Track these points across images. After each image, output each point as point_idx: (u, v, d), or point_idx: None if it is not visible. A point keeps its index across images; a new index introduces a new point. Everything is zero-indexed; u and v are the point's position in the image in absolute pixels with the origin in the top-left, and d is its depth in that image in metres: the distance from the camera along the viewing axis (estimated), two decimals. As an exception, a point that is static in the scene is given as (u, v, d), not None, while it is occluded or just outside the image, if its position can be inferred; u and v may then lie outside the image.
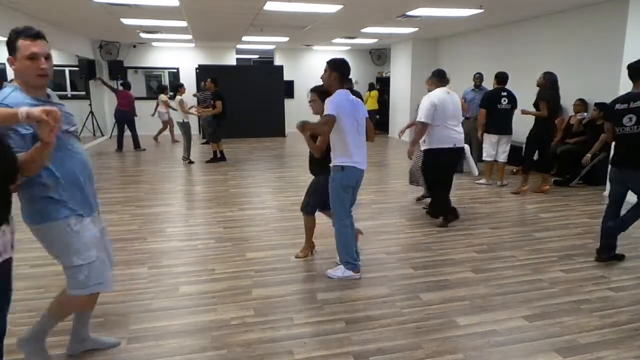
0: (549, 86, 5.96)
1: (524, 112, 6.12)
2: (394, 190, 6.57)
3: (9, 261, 2.05)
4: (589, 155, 6.08)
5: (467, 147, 5.08)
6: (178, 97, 8.61)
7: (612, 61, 6.43)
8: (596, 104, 6.50)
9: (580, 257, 4.00)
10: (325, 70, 3.42)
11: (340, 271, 3.54)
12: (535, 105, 6.05)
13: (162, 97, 10.96)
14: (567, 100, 6.97)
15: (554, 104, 6.04)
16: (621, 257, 3.89)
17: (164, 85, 12.00)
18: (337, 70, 3.38)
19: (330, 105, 3.26)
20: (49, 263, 3.83)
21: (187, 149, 8.78)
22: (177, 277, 3.58)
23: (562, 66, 7.14)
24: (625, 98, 3.65)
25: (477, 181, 6.82)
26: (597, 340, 2.69)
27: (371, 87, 13.52)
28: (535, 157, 6.38)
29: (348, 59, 3.65)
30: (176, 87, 9.10)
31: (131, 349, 2.61)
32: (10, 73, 10.26)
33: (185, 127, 8.65)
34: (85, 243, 2.21)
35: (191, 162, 8.71)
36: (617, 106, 3.67)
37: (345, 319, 2.95)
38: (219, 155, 8.88)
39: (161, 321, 2.92)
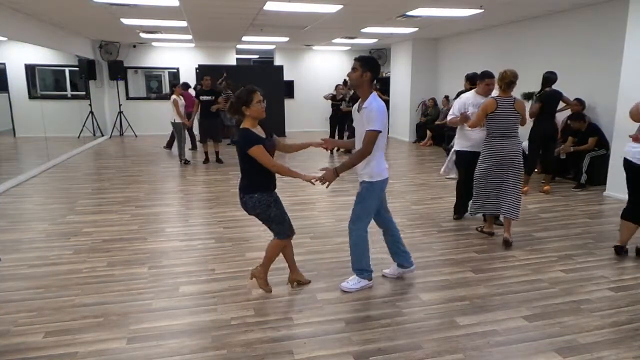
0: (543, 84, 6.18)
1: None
2: (394, 190, 6.57)
3: None
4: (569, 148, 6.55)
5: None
6: (173, 97, 8.42)
7: (612, 61, 6.43)
8: (576, 100, 6.73)
9: (580, 257, 3.99)
10: (354, 69, 3.12)
11: (354, 282, 3.38)
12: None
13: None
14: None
15: (546, 100, 6.11)
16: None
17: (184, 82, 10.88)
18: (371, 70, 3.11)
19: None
20: (49, 263, 3.85)
21: (181, 148, 8.67)
22: (177, 277, 3.58)
23: (562, 66, 7.12)
24: None
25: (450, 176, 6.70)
26: (597, 340, 2.69)
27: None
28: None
29: (348, 59, 3.60)
30: (173, 86, 8.91)
31: (131, 349, 2.61)
32: (9, 72, 10.22)
33: (177, 127, 8.51)
34: None
35: (187, 163, 8.66)
36: None
37: (345, 319, 2.95)
38: (210, 156, 8.85)
39: (161, 321, 2.92)
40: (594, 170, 6.43)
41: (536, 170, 7.39)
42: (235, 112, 3.05)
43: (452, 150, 5.11)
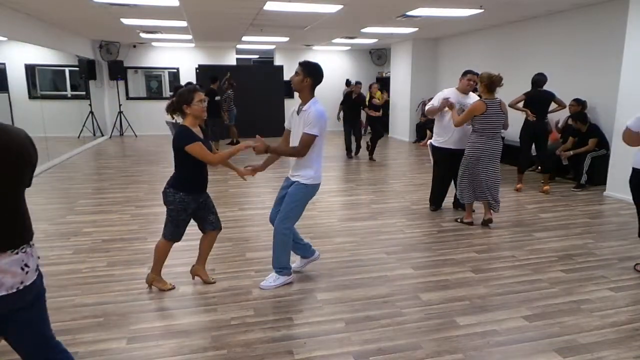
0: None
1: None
2: (393, 190, 6.57)
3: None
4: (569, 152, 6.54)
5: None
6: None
7: (612, 61, 6.43)
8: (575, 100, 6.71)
9: (580, 257, 3.99)
10: (297, 73, 3.22)
11: (272, 279, 3.42)
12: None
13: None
14: (567, 101, 6.97)
15: (532, 100, 6.19)
16: None
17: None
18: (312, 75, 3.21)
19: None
20: (50, 263, 3.84)
21: None
22: (177, 277, 3.58)
23: (562, 66, 7.13)
24: None
25: None
26: (597, 340, 2.69)
27: None
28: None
29: (348, 59, 3.62)
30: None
31: (131, 349, 2.61)
32: (9, 72, 10.20)
33: (175, 127, 8.50)
34: None
35: None
36: None
37: (345, 319, 2.95)
38: None
39: (161, 321, 2.92)
40: (594, 171, 6.43)
41: (539, 168, 7.40)
42: (176, 110, 3.13)
43: (429, 142, 5.24)
